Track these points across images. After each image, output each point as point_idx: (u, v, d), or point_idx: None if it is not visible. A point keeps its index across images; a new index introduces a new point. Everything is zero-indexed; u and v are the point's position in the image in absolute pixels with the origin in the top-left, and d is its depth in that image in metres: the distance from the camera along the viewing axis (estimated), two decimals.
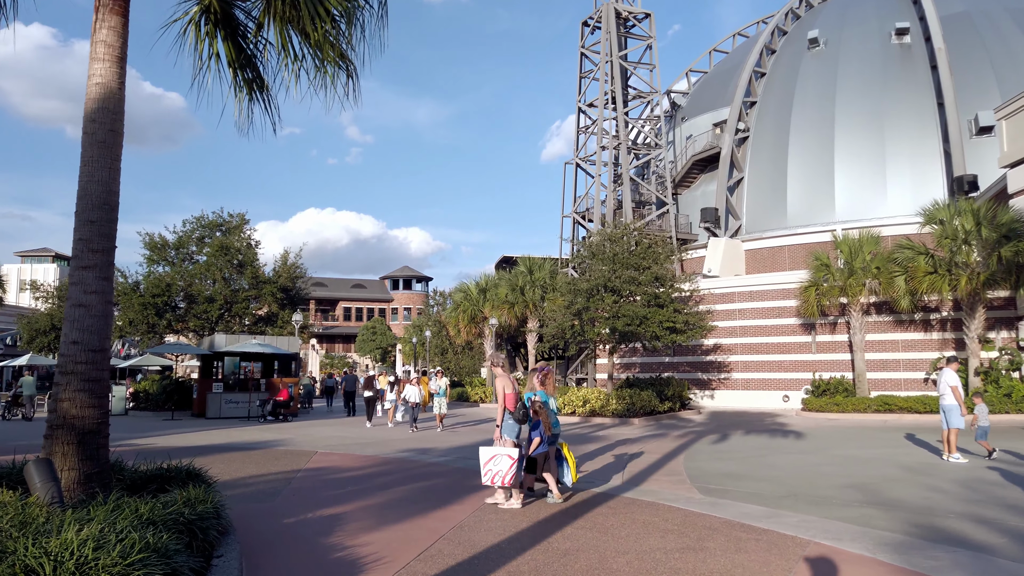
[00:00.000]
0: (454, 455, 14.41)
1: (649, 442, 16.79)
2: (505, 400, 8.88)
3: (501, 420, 8.90)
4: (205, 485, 6.88)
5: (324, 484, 10.63)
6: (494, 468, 8.53)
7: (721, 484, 10.55)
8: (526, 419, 8.87)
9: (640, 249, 25.58)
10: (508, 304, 35.53)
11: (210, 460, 13.36)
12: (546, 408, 9.34)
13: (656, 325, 24.24)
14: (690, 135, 44.00)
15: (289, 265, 33.48)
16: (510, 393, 8.89)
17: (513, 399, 8.90)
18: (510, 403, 8.88)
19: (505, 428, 8.88)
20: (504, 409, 8.89)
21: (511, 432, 8.88)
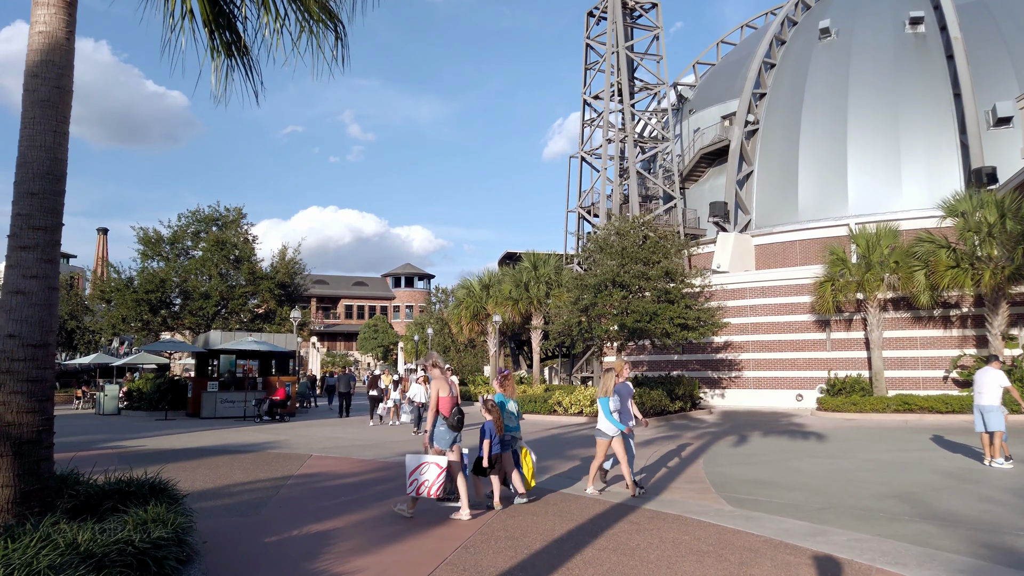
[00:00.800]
0: None
1: (663, 445, 15.87)
2: (439, 404, 8.21)
3: (431, 426, 8.23)
4: (170, 501, 5.96)
5: (316, 493, 9.72)
6: (420, 477, 7.89)
7: (750, 493, 9.63)
8: (460, 426, 8.25)
9: (650, 243, 24.65)
10: (512, 300, 34.60)
11: (196, 465, 12.47)
12: (502, 409, 8.95)
13: (667, 322, 23.30)
14: (698, 128, 43.03)
15: (287, 261, 32.59)
16: (445, 397, 8.23)
17: (448, 403, 8.24)
18: (444, 408, 8.22)
19: (436, 435, 8.24)
20: (436, 414, 8.24)
21: (443, 440, 8.23)
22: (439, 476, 7.85)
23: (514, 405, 9.41)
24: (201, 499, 9.10)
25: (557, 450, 14.99)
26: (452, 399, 8.28)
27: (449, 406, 8.20)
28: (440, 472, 7.86)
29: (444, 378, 8.37)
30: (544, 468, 12.14)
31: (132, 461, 13.35)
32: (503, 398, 9.28)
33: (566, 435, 18.53)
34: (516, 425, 9.30)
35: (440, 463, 7.89)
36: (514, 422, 9.27)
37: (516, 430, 9.27)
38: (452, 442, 8.23)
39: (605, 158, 39.96)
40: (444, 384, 8.28)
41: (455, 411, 8.22)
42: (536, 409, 25.03)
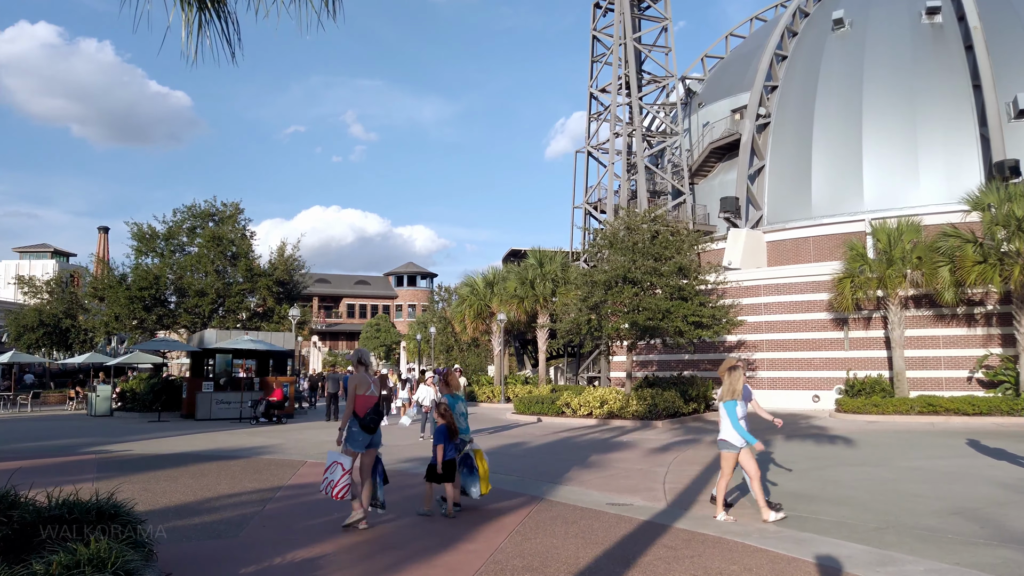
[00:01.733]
0: None
1: (682, 450, 14.87)
2: (355, 403, 7.60)
3: (344, 425, 7.62)
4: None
5: (306, 509, 8.74)
6: (329, 476, 7.45)
7: (792, 508, 8.63)
8: (374, 428, 7.68)
9: (661, 238, 23.63)
10: (517, 299, 33.61)
11: (179, 474, 11.50)
12: (451, 412, 8.54)
13: (680, 319, 22.29)
14: (707, 122, 41.98)
15: (286, 257, 31.59)
16: (362, 395, 7.63)
17: (365, 403, 7.64)
18: (360, 407, 7.61)
19: (349, 436, 7.61)
20: (352, 414, 7.61)
21: (355, 442, 7.60)
22: (343, 478, 7.38)
23: (462, 405, 8.91)
24: (177, 516, 8.13)
25: (571, 456, 13.99)
26: (371, 399, 7.68)
27: (365, 406, 7.60)
28: (344, 474, 7.37)
29: (362, 375, 7.74)
30: (560, 477, 11.15)
31: (113, 468, 12.41)
32: (452, 399, 8.81)
33: (578, 439, 17.53)
34: (466, 427, 8.80)
35: (345, 464, 7.41)
36: (463, 423, 8.76)
37: (467, 431, 8.81)
38: (367, 444, 7.64)
39: (612, 153, 38.94)
40: (363, 382, 7.67)
41: (370, 412, 7.62)
42: (543, 411, 24.05)
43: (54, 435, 19.55)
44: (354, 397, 7.62)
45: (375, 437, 7.75)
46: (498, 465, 12.66)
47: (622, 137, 39.34)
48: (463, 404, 8.99)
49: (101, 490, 10.11)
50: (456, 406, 8.77)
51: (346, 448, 7.59)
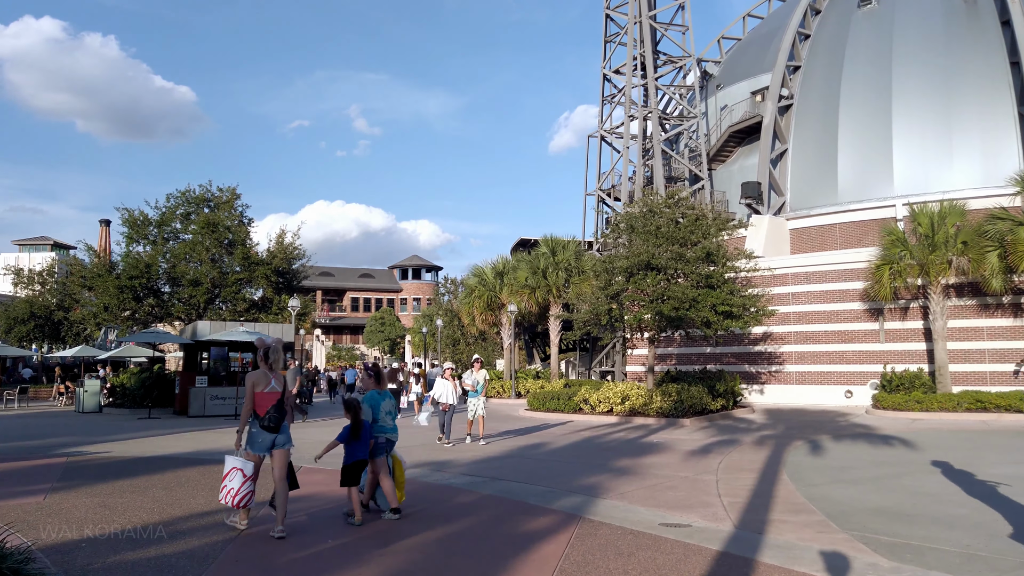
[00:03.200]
0: (482, 473, 10.89)
1: (724, 452, 13.23)
2: (254, 400, 6.93)
3: (243, 426, 6.96)
4: None
5: (295, 534, 7.13)
6: (228, 483, 6.86)
7: (890, 532, 7.01)
8: (276, 428, 6.96)
9: (686, 222, 21.95)
10: (528, 289, 31.96)
11: (151, 483, 9.92)
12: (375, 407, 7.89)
13: (708, 309, 20.63)
14: (725, 105, 40.19)
15: (285, 245, 29.95)
16: (261, 392, 6.96)
17: (266, 401, 6.92)
18: (260, 405, 6.93)
19: (249, 438, 6.99)
20: (251, 413, 6.95)
21: (256, 444, 6.97)
22: (244, 484, 6.78)
23: (389, 402, 8.15)
24: (129, 546, 6.52)
25: (601, 461, 12.37)
26: (272, 395, 6.98)
27: (266, 404, 6.92)
28: (245, 480, 6.79)
29: (264, 371, 7.05)
30: (595, 488, 9.52)
31: (79, 475, 10.84)
32: (376, 395, 8.06)
33: (602, 439, 15.91)
34: (392, 426, 8.11)
35: (246, 469, 6.82)
36: (390, 422, 8.07)
37: (391, 431, 8.10)
38: (268, 446, 6.96)
39: (627, 136, 37.22)
40: (263, 378, 6.99)
41: (271, 410, 6.91)
42: (559, 407, 22.44)
43: (32, 434, 18.03)
44: (252, 394, 6.93)
45: (280, 437, 7.02)
46: (521, 471, 11.05)
47: (637, 120, 37.59)
48: (391, 401, 8.19)
49: (49, 506, 8.59)
50: (381, 403, 8.02)
51: (246, 451, 6.94)
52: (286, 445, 7.09)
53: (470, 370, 15.70)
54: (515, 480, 10.24)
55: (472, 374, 15.52)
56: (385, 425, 8.00)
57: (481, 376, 15.49)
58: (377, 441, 7.84)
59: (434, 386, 15.15)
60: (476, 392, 15.18)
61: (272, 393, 6.97)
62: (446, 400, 14.87)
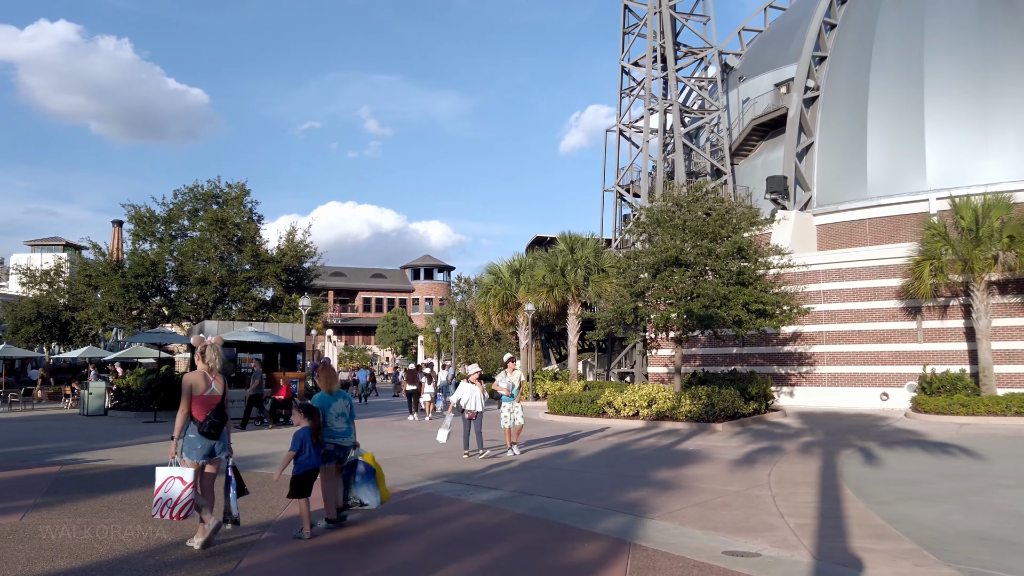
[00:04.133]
0: (509, 486, 9.85)
1: (770, 462, 12.13)
2: (191, 404, 6.43)
3: (180, 432, 6.43)
4: None
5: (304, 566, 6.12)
6: (164, 496, 6.26)
7: (1002, 565, 5.93)
8: (216, 434, 6.45)
9: (716, 215, 20.82)
10: (546, 287, 30.90)
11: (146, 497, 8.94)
12: (325, 410, 7.30)
13: (740, 307, 19.50)
14: (747, 98, 38.98)
15: (296, 243, 29.06)
16: (199, 396, 6.45)
17: (204, 404, 6.43)
18: (197, 409, 6.43)
19: (186, 444, 6.44)
20: (188, 417, 6.43)
21: (193, 450, 6.40)
22: (185, 491, 6.21)
23: (343, 404, 7.53)
24: None
25: (637, 471, 11.30)
26: (211, 399, 6.47)
27: (205, 408, 6.42)
28: (185, 488, 6.22)
29: (203, 372, 6.54)
30: (639, 504, 8.46)
31: (69, 487, 9.88)
32: (326, 396, 7.44)
33: (633, 446, 14.84)
34: (347, 429, 7.50)
35: (186, 477, 6.25)
36: (343, 425, 7.46)
37: (345, 436, 7.47)
38: (207, 453, 6.43)
39: (647, 130, 36.10)
40: (201, 380, 6.48)
41: (211, 415, 6.41)
42: (582, 411, 21.40)
43: (31, 438, 17.18)
44: (189, 398, 6.40)
45: (219, 445, 6.51)
46: (552, 485, 10.00)
47: (657, 114, 36.45)
48: (344, 402, 7.57)
49: (25, 528, 7.63)
50: (332, 405, 7.41)
51: (184, 460, 6.38)
52: (224, 453, 6.58)
53: (503, 371, 13.84)
54: (547, 495, 9.20)
55: (506, 376, 13.63)
56: (336, 430, 7.36)
57: (516, 378, 13.63)
58: (325, 447, 7.26)
59: (457, 390, 13.24)
60: (511, 396, 13.30)
61: (212, 396, 6.46)
62: (472, 407, 12.95)
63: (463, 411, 12.94)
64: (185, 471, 6.25)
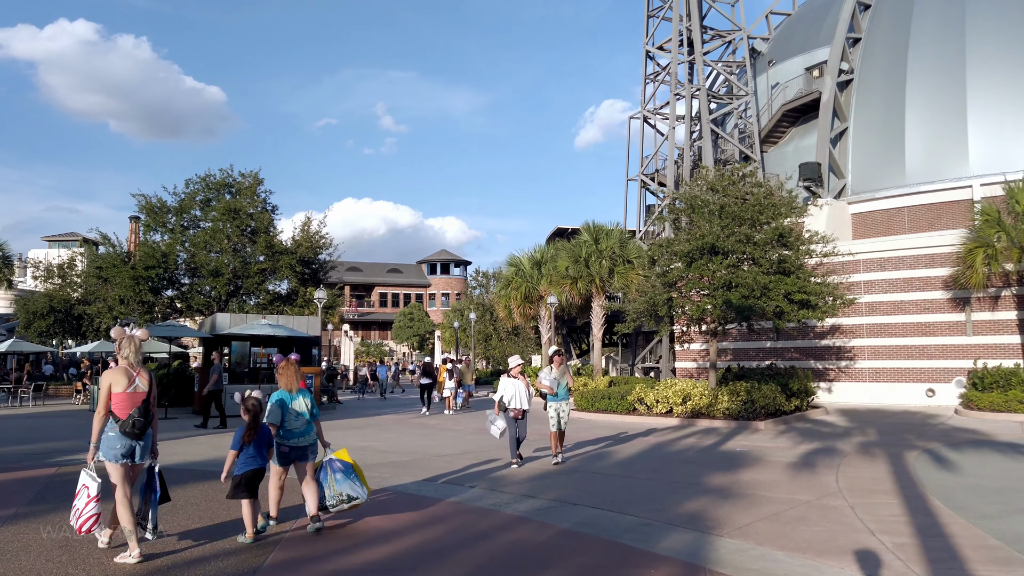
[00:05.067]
0: (548, 494, 8.76)
1: (831, 466, 10.96)
2: (109, 401, 5.94)
3: (98, 435, 5.91)
4: None
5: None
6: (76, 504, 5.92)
7: None
8: (141, 433, 5.96)
9: (754, 200, 19.58)
10: (570, 279, 29.75)
11: None
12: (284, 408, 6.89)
13: (781, 297, 18.27)
14: (776, 83, 37.58)
15: (311, 233, 28.11)
16: (120, 393, 5.98)
17: (128, 401, 5.95)
18: (120, 406, 5.93)
19: (104, 443, 5.93)
20: (107, 417, 5.93)
21: (112, 451, 5.89)
22: (89, 504, 5.82)
23: (304, 402, 7.07)
24: None
25: (686, 477, 10.18)
26: (135, 396, 5.97)
27: (128, 405, 5.93)
28: (90, 500, 5.84)
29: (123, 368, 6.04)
30: (700, 518, 7.33)
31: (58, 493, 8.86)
32: (285, 395, 7.01)
33: (673, 447, 13.70)
34: (305, 429, 7.02)
35: (90, 487, 5.87)
36: (301, 425, 6.99)
37: (302, 435, 6.99)
38: (127, 454, 5.91)
39: (673, 116, 34.80)
40: (121, 375, 5.98)
41: (134, 414, 5.90)
42: (611, 408, 20.27)
43: (34, 436, 16.31)
44: (108, 395, 5.90)
45: (140, 446, 5.99)
46: (596, 493, 8.90)
47: (683, 99, 35.15)
48: (304, 401, 7.05)
49: None
50: (292, 403, 6.95)
51: (103, 461, 5.90)
52: (148, 455, 6.09)
53: (548, 367, 11.86)
54: (593, 505, 8.11)
55: (551, 372, 11.64)
56: (293, 429, 6.90)
57: (562, 374, 11.66)
58: (279, 449, 6.87)
59: (499, 387, 11.51)
60: (558, 396, 11.45)
61: (136, 393, 5.95)
62: (518, 404, 11.21)
63: (506, 410, 11.23)
64: (93, 482, 5.80)
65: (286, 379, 7.08)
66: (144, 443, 6.00)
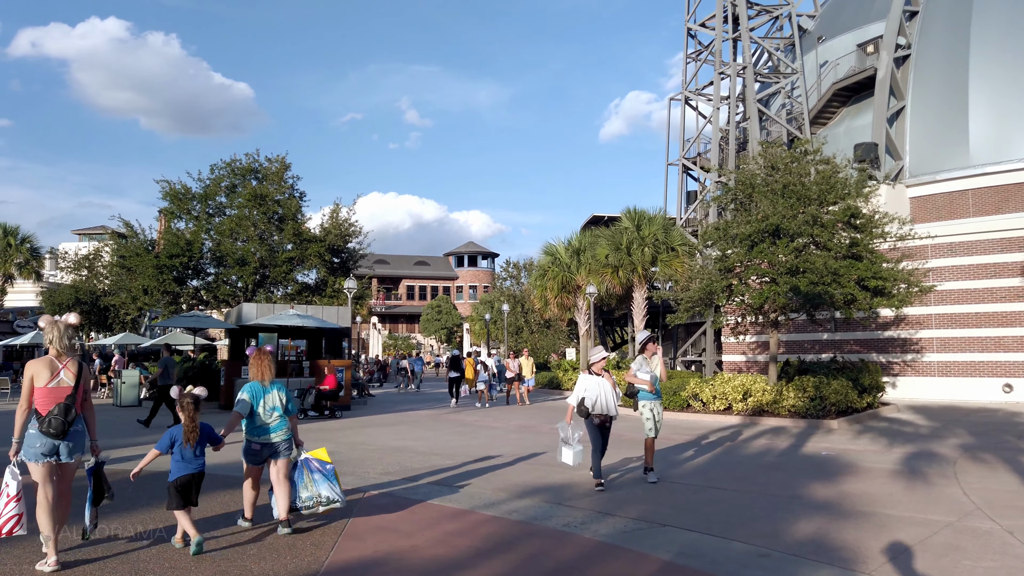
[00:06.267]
0: (627, 511, 7.35)
1: (944, 474, 9.43)
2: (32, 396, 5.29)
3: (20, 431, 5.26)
4: None
5: None
6: None
7: None
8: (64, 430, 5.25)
9: (821, 177, 17.92)
10: (611, 268, 28.28)
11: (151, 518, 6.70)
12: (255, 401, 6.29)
13: (853, 284, 16.63)
14: (826, 61, 35.64)
15: (340, 221, 26.93)
16: (41, 387, 5.30)
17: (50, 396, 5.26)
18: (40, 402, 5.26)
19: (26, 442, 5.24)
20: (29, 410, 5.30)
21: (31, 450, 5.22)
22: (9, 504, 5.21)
23: (279, 395, 6.52)
24: None
25: (783, 489, 8.70)
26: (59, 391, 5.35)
27: (50, 400, 5.30)
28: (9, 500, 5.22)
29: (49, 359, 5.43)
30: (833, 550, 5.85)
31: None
32: (257, 386, 6.48)
33: (747, 449, 12.21)
34: (278, 424, 6.46)
35: (11, 485, 5.24)
36: (275, 420, 6.44)
37: (274, 431, 6.43)
38: (47, 453, 5.28)
39: (717, 96, 33.03)
40: (45, 368, 5.38)
41: (56, 410, 5.25)
42: (664, 404, 18.75)
43: None
44: (30, 389, 5.40)
45: (65, 445, 5.40)
46: (686, 509, 7.47)
47: (728, 78, 33.39)
48: (279, 394, 6.53)
49: None
50: (264, 398, 6.44)
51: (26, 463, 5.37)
52: (75, 455, 5.48)
53: (640, 356, 9.51)
54: (688, 527, 6.71)
55: (646, 363, 9.38)
56: (265, 425, 6.37)
57: (657, 365, 9.47)
58: (250, 446, 6.38)
59: (578, 386, 8.92)
60: (656, 394, 9.37)
61: (59, 388, 5.40)
62: (604, 408, 8.70)
63: (588, 416, 8.69)
64: (13, 482, 5.28)
65: (257, 369, 6.52)
66: (71, 441, 5.38)
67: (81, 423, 5.51)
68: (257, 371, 6.55)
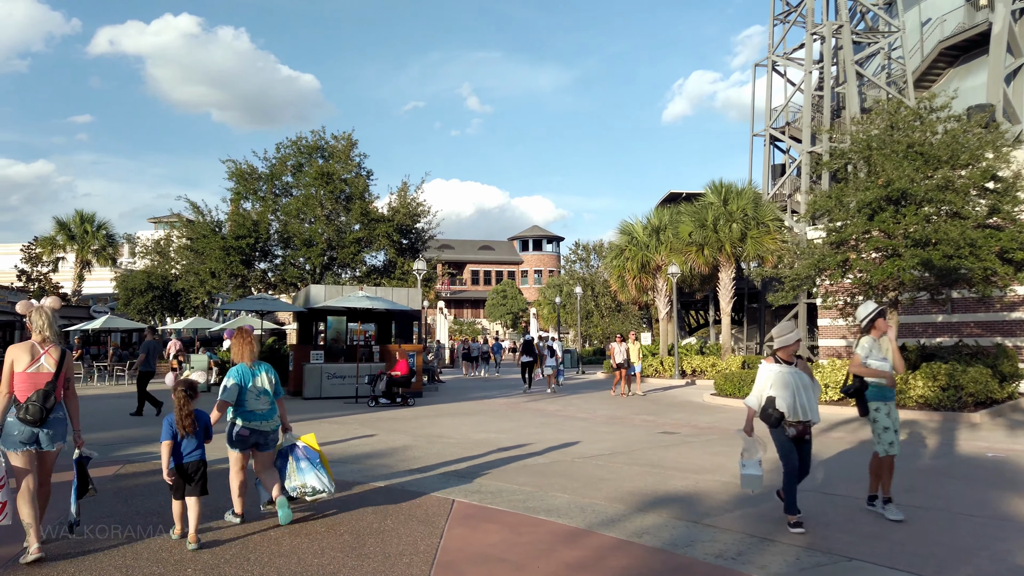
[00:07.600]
0: (784, 531, 5.75)
1: None
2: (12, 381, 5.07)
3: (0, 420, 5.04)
4: None
5: None
6: None
7: None
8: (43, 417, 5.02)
9: (948, 137, 15.66)
10: (695, 246, 26.32)
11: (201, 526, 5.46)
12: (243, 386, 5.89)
13: (994, 257, 14.41)
14: (928, 19, 32.64)
15: (409, 200, 25.80)
16: (21, 372, 5.12)
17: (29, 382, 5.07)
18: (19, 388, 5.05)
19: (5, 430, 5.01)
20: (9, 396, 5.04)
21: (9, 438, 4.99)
22: None
23: (267, 377, 6.02)
24: None
25: (972, 505, 6.94)
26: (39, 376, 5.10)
27: (29, 387, 5.06)
28: None
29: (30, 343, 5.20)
30: None
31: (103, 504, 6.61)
32: (245, 369, 5.95)
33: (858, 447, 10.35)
34: (268, 410, 5.94)
35: None
36: (264, 406, 5.92)
37: (266, 418, 5.92)
38: (29, 442, 5.03)
39: (809, 60, 30.49)
40: (25, 353, 5.14)
41: (35, 396, 4.99)
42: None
43: (116, 422, 14.55)
44: (10, 375, 5.07)
45: (45, 433, 5.05)
46: (866, 536, 5.81)
47: (823, 39, 30.78)
48: (267, 377, 6.01)
49: None
50: (252, 381, 5.90)
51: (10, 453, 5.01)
52: (56, 443, 5.16)
53: (866, 337, 6.78)
54: (886, 563, 5.07)
55: (876, 346, 6.70)
56: (255, 411, 5.92)
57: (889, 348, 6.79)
58: (238, 432, 5.91)
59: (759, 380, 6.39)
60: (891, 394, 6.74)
61: (38, 374, 5.12)
62: (803, 412, 6.19)
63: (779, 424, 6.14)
64: None
65: (240, 349, 6.04)
66: (51, 429, 5.10)
67: (62, 410, 5.22)
68: (240, 352, 6.08)
